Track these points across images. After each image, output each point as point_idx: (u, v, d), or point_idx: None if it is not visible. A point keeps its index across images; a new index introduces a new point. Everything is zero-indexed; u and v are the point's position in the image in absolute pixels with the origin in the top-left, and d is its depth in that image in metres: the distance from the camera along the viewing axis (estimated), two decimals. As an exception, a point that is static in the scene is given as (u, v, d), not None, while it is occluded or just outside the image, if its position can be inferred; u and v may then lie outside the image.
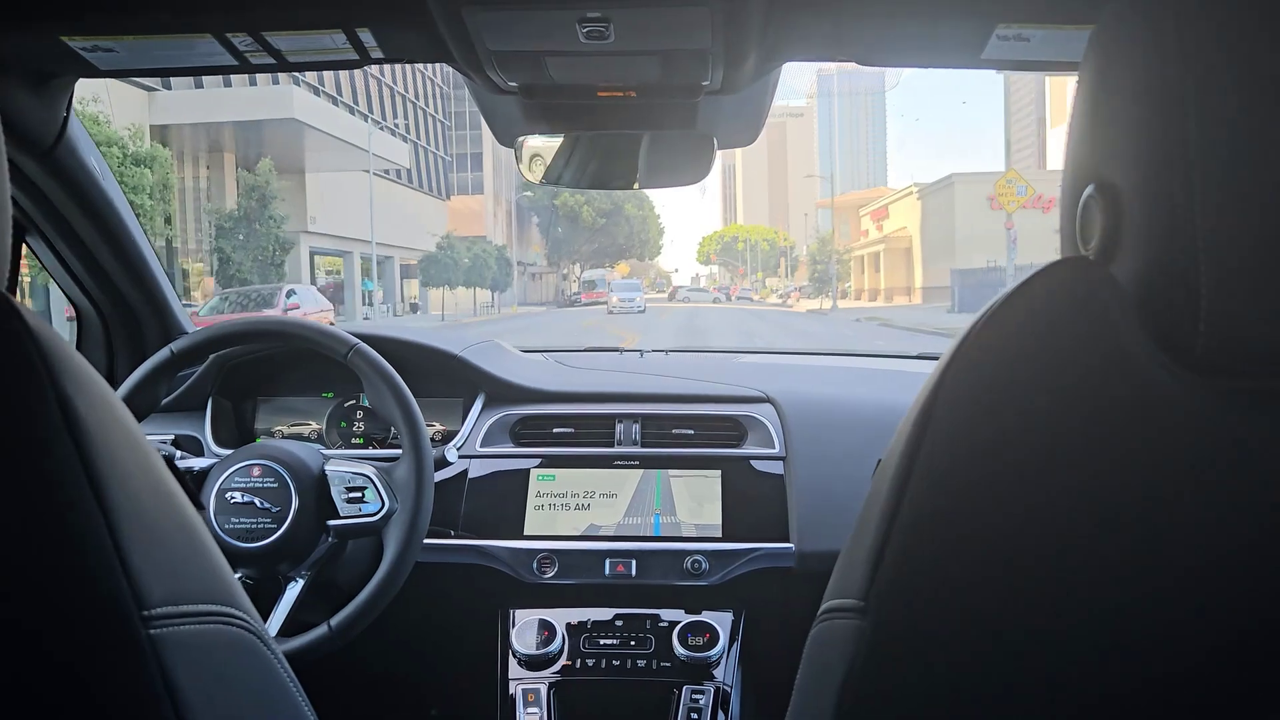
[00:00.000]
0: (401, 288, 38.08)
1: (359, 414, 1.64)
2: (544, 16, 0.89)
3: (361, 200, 26.98)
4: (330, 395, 1.64)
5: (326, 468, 1.28)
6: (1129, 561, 0.48)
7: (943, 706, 0.51)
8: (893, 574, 0.52)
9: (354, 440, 1.63)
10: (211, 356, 1.54)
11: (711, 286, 71.46)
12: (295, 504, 1.23)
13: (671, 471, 1.47)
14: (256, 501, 1.23)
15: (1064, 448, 0.50)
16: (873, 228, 49.12)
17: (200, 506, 1.23)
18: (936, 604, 0.51)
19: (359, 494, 1.26)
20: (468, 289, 37.97)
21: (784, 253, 67.96)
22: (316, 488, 1.26)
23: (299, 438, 1.63)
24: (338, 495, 1.27)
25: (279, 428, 1.65)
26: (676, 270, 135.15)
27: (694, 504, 1.44)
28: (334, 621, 1.20)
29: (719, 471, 1.46)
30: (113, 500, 0.48)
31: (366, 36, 1.00)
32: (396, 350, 1.42)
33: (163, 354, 1.32)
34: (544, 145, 1.24)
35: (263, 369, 1.63)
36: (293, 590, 1.24)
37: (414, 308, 39.29)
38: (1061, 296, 0.53)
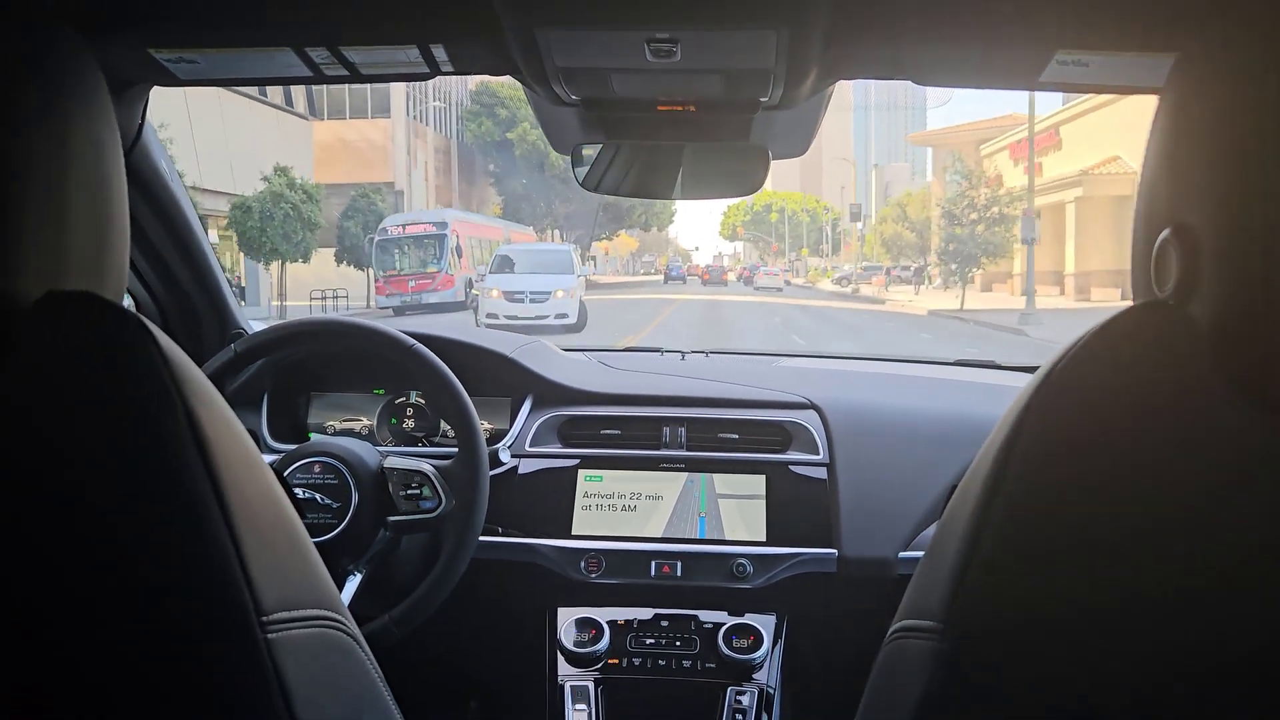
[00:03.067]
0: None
1: (409, 411, 1.70)
2: (613, 36, 0.92)
3: None
4: (381, 392, 1.71)
5: (385, 464, 1.35)
6: (1211, 591, 0.50)
7: None
8: (975, 597, 0.54)
9: (405, 436, 1.69)
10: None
11: (779, 267, 50.15)
12: (355, 500, 1.30)
13: (716, 475, 1.51)
14: (318, 497, 1.30)
15: (1143, 484, 0.51)
16: (1015, 171, 29.25)
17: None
18: (1017, 627, 0.52)
19: (416, 490, 1.33)
20: (291, 262, 20.22)
21: (855, 211, 48.17)
22: (375, 484, 1.33)
23: (350, 433, 1.70)
24: (395, 492, 1.33)
25: (331, 423, 1.72)
26: (697, 248, 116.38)
27: (738, 508, 1.49)
28: (394, 613, 1.28)
29: (763, 476, 1.50)
30: (234, 512, 0.52)
31: (439, 52, 1.02)
32: (449, 350, 1.45)
33: (226, 353, 1.39)
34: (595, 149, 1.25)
35: (315, 365, 1.69)
36: (352, 583, 1.29)
37: (241, 292, 22.06)
38: (1141, 339, 0.54)
